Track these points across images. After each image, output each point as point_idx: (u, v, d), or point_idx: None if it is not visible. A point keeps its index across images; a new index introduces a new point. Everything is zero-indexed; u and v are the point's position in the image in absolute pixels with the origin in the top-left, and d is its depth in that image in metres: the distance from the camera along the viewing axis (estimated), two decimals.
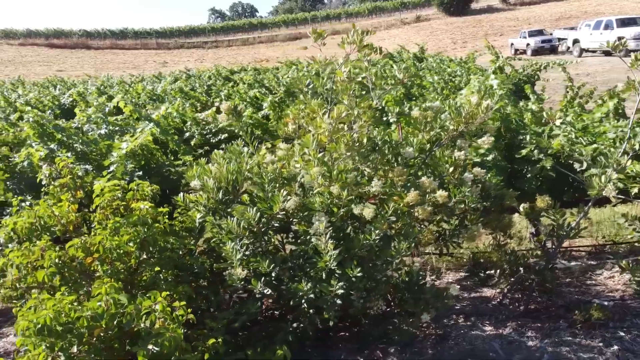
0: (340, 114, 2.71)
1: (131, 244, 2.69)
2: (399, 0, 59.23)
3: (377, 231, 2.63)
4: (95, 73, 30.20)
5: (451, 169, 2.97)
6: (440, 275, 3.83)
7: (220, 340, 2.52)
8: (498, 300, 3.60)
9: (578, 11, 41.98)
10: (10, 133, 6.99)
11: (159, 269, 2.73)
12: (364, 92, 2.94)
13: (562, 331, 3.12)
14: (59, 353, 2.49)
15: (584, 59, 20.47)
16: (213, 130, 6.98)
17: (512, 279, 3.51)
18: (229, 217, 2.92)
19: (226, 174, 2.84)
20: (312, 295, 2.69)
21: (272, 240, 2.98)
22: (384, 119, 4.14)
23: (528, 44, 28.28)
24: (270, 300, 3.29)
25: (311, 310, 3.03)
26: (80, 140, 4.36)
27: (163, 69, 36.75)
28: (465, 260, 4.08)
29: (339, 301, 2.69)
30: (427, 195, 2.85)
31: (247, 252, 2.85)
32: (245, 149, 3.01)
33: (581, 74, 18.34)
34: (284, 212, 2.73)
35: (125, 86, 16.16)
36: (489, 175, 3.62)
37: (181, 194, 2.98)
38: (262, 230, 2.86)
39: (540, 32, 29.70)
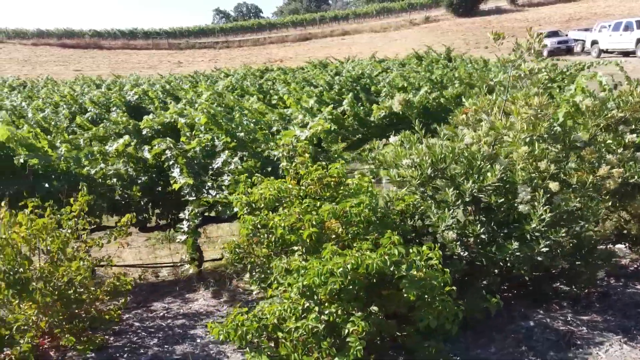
0: (543, 103, 3.25)
1: (367, 210, 3.22)
2: (406, 1, 59.85)
3: (578, 198, 3.17)
4: (112, 73, 30.62)
5: (620, 149, 3.50)
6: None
7: (454, 288, 3.05)
8: (634, 267, 4.14)
9: (587, 12, 42.68)
10: (100, 128, 7.56)
11: (389, 232, 3.25)
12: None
13: None
14: (310, 300, 3.04)
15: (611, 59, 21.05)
16: None
17: None
18: (432, 189, 3.47)
19: (438, 154, 3.37)
20: (518, 254, 3.22)
21: (474, 208, 3.51)
22: None
23: (544, 45, 28.87)
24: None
25: (496, 270, 3.58)
26: (240, 129, 4.89)
27: (178, 69, 37.24)
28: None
29: (539, 258, 3.23)
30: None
31: (451, 219, 3.39)
32: (466, 130, 3.54)
33: (604, 75, 18.99)
34: (495, 184, 3.26)
35: (166, 85, 16.67)
36: None
37: (393, 170, 3.51)
38: (467, 200, 3.40)
39: (555, 33, 30.35)
